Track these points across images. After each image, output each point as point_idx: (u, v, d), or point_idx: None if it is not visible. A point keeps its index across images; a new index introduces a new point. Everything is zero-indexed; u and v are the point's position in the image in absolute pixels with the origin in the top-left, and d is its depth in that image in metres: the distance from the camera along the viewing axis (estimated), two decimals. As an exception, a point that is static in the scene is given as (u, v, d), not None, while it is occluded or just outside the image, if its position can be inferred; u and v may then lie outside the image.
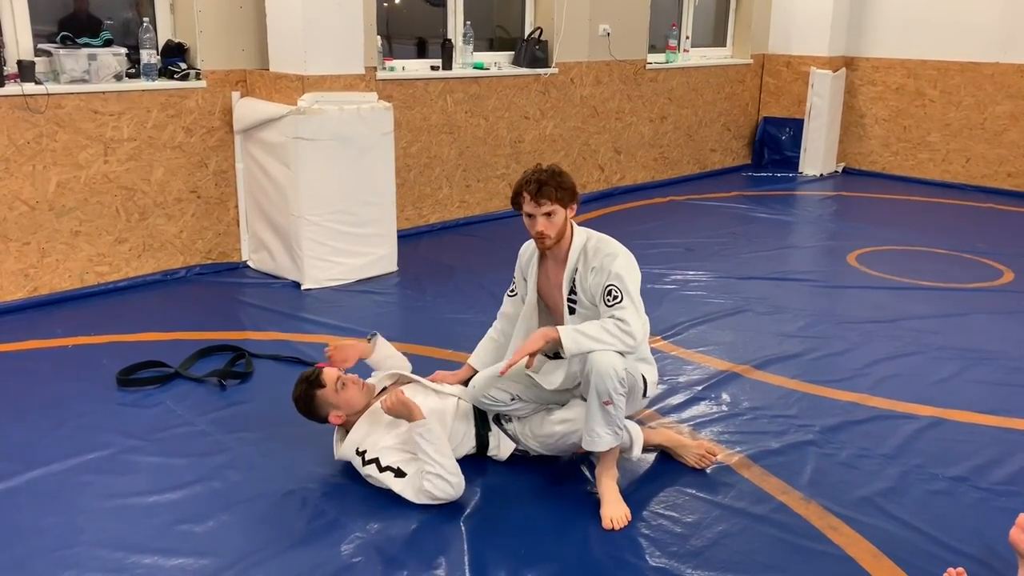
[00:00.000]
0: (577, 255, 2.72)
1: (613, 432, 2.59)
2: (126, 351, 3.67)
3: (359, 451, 2.68)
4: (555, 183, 2.66)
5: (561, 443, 2.78)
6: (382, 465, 2.63)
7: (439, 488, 2.56)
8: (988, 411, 3.30)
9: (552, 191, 2.65)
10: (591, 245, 2.72)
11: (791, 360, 3.76)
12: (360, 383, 2.78)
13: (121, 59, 4.33)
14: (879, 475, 2.83)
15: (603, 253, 2.68)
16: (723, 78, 7.96)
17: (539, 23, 6.31)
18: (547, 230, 2.68)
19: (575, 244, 2.73)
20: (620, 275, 2.61)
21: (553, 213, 2.67)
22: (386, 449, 2.65)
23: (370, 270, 4.80)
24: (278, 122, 4.45)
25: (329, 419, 2.72)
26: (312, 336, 3.92)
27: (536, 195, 2.66)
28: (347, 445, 2.71)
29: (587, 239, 2.75)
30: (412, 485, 2.59)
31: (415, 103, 5.53)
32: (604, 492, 2.62)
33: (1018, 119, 7.25)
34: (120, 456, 2.86)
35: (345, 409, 2.72)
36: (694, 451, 2.89)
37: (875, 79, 7.97)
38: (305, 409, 2.75)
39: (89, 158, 4.28)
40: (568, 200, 2.69)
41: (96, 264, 4.41)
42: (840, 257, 5.41)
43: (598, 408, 2.56)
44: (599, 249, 2.70)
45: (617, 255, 2.67)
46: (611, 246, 2.71)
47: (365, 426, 2.71)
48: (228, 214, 4.85)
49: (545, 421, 2.79)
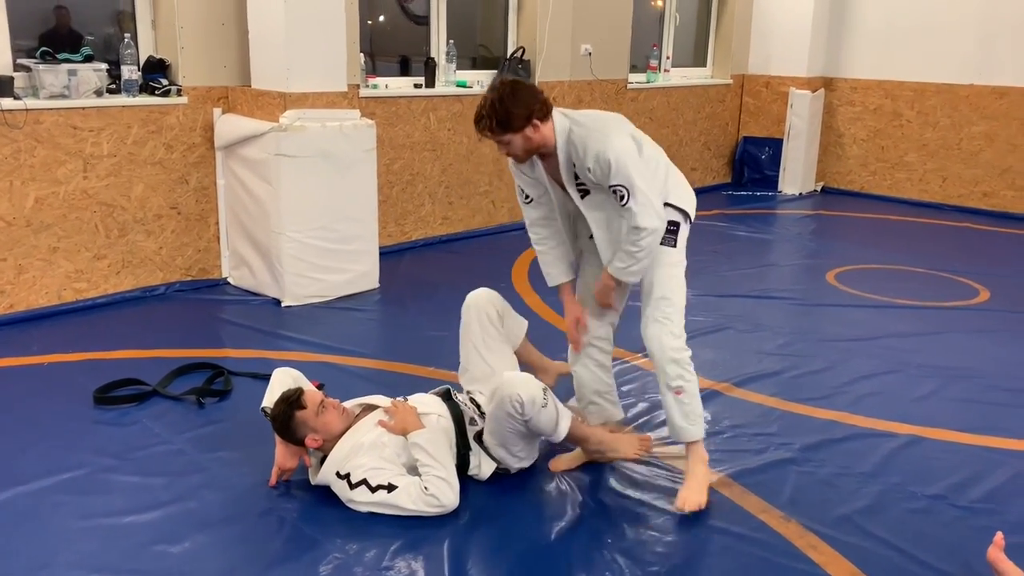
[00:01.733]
0: (565, 153, 2.67)
1: (690, 423, 2.76)
2: (103, 369, 3.64)
3: (341, 474, 2.63)
4: (492, 120, 2.60)
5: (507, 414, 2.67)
6: (373, 486, 2.58)
7: (441, 492, 2.54)
8: (965, 429, 3.32)
9: (490, 127, 2.62)
10: (575, 138, 2.64)
11: (771, 378, 3.78)
12: (341, 408, 2.76)
13: (102, 75, 4.31)
14: (858, 493, 2.84)
15: (592, 150, 2.59)
16: (703, 98, 8.03)
17: (522, 42, 6.35)
18: (510, 153, 2.70)
19: (559, 141, 2.66)
20: (623, 163, 2.56)
21: (506, 141, 2.65)
22: (373, 470, 2.60)
23: (352, 287, 4.78)
24: (260, 139, 4.44)
25: (306, 442, 2.69)
26: (292, 354, 3.90)
27: (478, 130, 2.67)
28: (326, 469, 2.67)
29: (569, 130, 2.65)
30: (408, 494, 2.55)
31: (398, 120, 5.54)
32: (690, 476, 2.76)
33: (993, 140, 7.36)
34: (96, 476, 2.83)
35: (323, 433, 2.68)
36: (628, 443, 2.98)
37: (853, 100, 8.07)
38: (282, 429, 2.71)
39: (68, 174, 4.25)
40: (520, 126, 2.60)
41: (74, 281, 4.37)
42: (819, 275, 5.46)
43: (672, 400, 2.74)
44: (586, 143, 2.61)
45: (606, 139, 2.59)
46: (596, 137, 2.60)
47: (346, 449, 2.66)
48: (208, 230, 4.83)
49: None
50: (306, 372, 3.06)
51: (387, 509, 2.58)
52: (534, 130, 2.64)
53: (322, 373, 3.57)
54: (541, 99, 2.65)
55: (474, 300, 3.08)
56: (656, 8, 7.77)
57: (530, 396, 2.61)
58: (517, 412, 2.63)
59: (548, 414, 2.67)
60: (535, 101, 2.63)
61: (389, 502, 2.57)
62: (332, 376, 3.60)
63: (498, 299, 3.10)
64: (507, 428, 2.70)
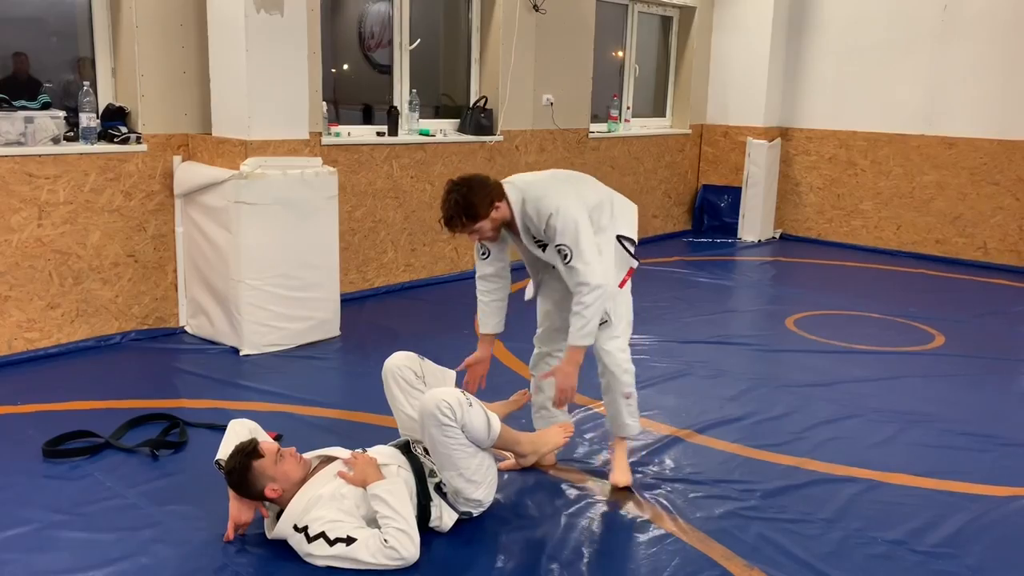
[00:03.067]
0: (521, 221, 2.97)
1: (635, 420, 3.19)
2: (54, 420, 3.54)
3: (299, 527, 2.57)
4: (460, 212, 2.87)
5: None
6: (331, 538, 2.51)
7: (401, 544, 2.50)
8: (924, 473, 3.35)
9: (461, 222, 2.89)
10: (529, 209, 2.93)
11: (732, 424, 3.79)
12: (298, 456, 2.71)
13: (59, 122, 4.28)
14: (820, 539, 2.84)
15: (543, 216, 2.90)
16: (663, 147, 8.18)
17: (484, 92, 6.43)
18: (482, 237, 2.97)
19: (515, 213, 2.95)
20: (565, 232, 2.87)
21: (479, 229, 2.92)
22: (332, 522, 2.54)
23: (312, 335, 4.73)
24: (220, 186, 4.42)
25: (265, 492, 2.61)
26: (249, 404, 3.83)
27: (450, 228, 2.92)
28: (283, 522, 2.61)
29: (523, 203, 2.94)
30: (367, 547, 2.50)
31: (360, 168, 5.55)
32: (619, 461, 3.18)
33: (944, 188, 7.57)
34: (43, 532, 2.73)
35: (282, 482, 2.62)
36: (555, 433, 3.14)
37: (809, 149, 8.27)
38: (239, 481, 2.63)
39: (22, 221, 4.18)
40: (485, 212, 2.89)
41: (25, 330, 4.28)
42: (779, 321, 5.52)
43: (624, 404, 3.13)
44: (539, 213, 2.91)
45: (555, 212, 2.88)
46: (546, 204, 2.90)
47: (303, 501, 2.60)
48: (166, 278, 4.77)
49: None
50: (264, 423, 3.01)
51: (345, 563, 2.52)
52: (496, 211, 2.92)
53: (281, 423, 3.52)
54: (492, 183, 2.95)
55: (389, 367, 3.07)
56: (616, 59, 7.93)
57: (455, 398, 2.68)
58: (450, 418, 2.65)
59: (477, 413, 2.72)
60: (489, 187, 2.92)
61: (348, 555, 2.51)
62: (291, 427, 3.54)
63: (414, 360, 3.09)
64: (450, 445, 2.69)
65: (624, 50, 7.92)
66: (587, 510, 2.99)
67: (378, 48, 6.12)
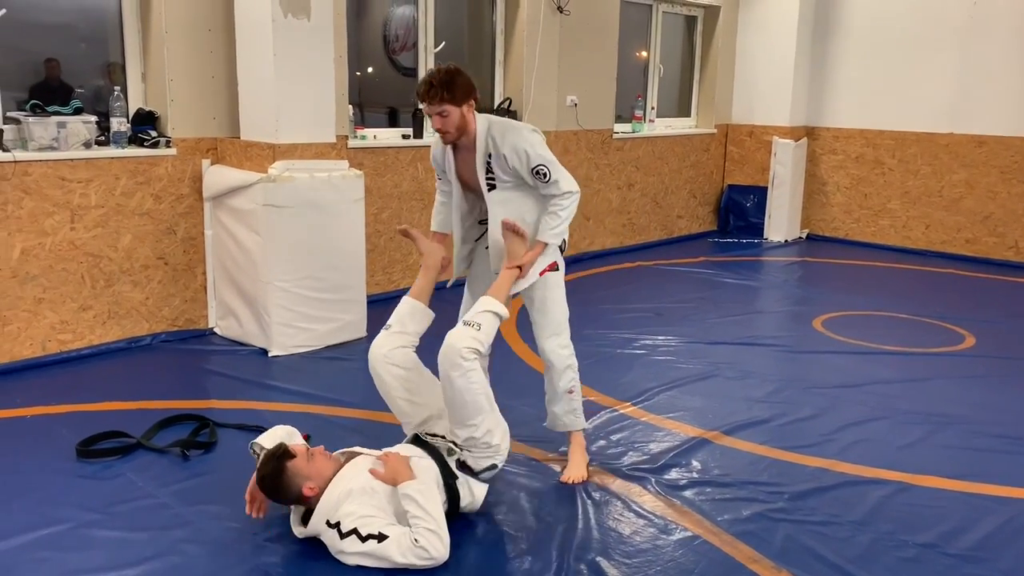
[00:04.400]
0: (484, 141, 3.00)
1: (576, 416, 3.23)
2: (87, 421, 3.60)
3: (331, 523, 2.59)
4: (445, 86, 2.87)
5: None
6: (363, 535, 2.54)
7: (432, 545, 2.51)
8: (954, 476, 3.32)
9: (440, 92, 2.87)
10: (495, 131, 2.99)
11: (760, 426, 3.77)
12: (327, 453, 2.75)
13: (91, 127, 4.34)
14: (850, 542, 2.82)
15: (509, 141, 2.96)
16: (688, 147, 8.14)
17: (508, 94, 6.44)
18: (443, 127, 2.95)
19: (479, 131, 3.00)
20: (538, 152, 2.96)
21: (446, 113, 2.92)
22: (363, 518, 2.56)
23: (339, 336, 4.77)
24: (248, 189, 4.46)
25: (303, 492, 2.63)
26: (278, 404, 3.87)
27: (427, 96, 2.90)
28: (317, 518, 2.63)
29: (489, 126, 3.01)
30: (399, 545, 2.51)
31: (386, 170, 5.58)
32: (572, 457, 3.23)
33: (973, 187, 7.47)
34: (77, 531, 2.78)
35: (316, 480, 2.65)
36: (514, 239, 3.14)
37: (836, 148, 8.20)
38: (274, 486, 2.64)
39: (55, 225, 4.25)
40: (461, 99, 2.91)
41: (59, 332, 4.35)
42: (806, 322, 5.48)
43: (566, 400, 3.19)
44: (504, 135, 2.98)
45: (521, 134, 2.98)
46: (512, 132, 2.99)
47: (335, 496, 2.63)
48: (196, 281, 4.82)
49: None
50: (292, 423, 3.06)
51: (376, 561, 2.54)
52: (468, 109, 2.97)
53: (309, 424, 3.55)
54: (476, 89, 3.00)
55: (373, 355, 3.06)
56: (641, 59, 7.91)
57: (469, 336, 2.84)
58: (472, 359, 2.78)
59: (487, 320, 2.93)
60: (473, 86, 2.97)
61: (379, 553, 2.53)
62: (319, 427, 3.57)
63: (388, 342, 3.10)
64: (475, 391, 2.77)
65: (648, 50, 7.89)
66: (613, 511, 2.99)
67: (403, 51, 6.15)
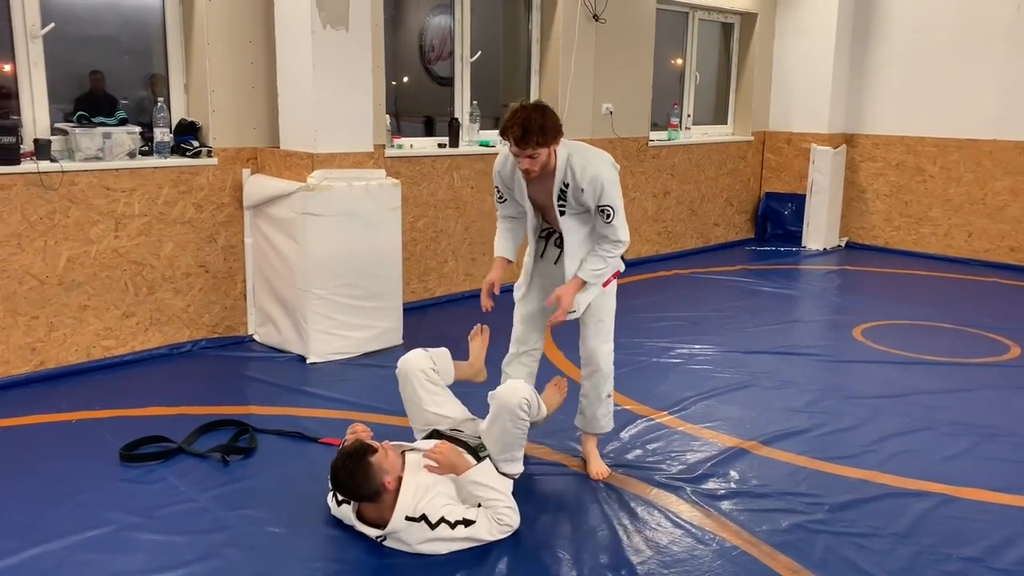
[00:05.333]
0: (563, 172, 3.00)
1: (611, 420, 3.37)
2: (130, 426, 3.66)
3: (414, 517, 2.64)
4: (538, 130, 2.85)
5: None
6: (452, 522, 2.66)
7: (512, 519, 2.77)
8: (999, 489, 3.25)
9: (534, 138, 2.86)
10: (575, 162, 2.99)
11: (799, 436, 3.73)
12: (392, 447, 2.81)
13: (135, 137, 4.43)
14: (891, 555, 2.78)
15: (589, 174, 2.97)
16: (725, 154, 8.09)
17: (544, 102, 6.44)
18: (532, 167, 2.95)
19: (559, 163, 3.00)
20: (610, 193, 3.01)
21: (537, 155, 2.91)
22: (446, 507, 2.69)
23: (376, 343, 4.80)
24: (287, 198, 4.52)
25: (385, 485, 2.66)
26: (316, 411, 3.91)
27: (521, 142, 2.87)
28: (397, 515, 2.65)
29: (568, 156, 3.00)
30: (485, 526, 2.72)
31: (422, 179, 5.62)
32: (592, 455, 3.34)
33: (1018, 195, 7.33)
34: (120, 534, 2.83)
35: (393, 473, 2.70)
36: (550, 395, 3.36)
37: (875, 155, 8.10)
38: (358, 483, 2.65)
39: (100, 233, 4.34)
40: (552, 141, 2.91)
41: (103, 338, 4.43)
42: (846, 331, 5.41)
43: (605, 403, 3.30)
44: (584, 169, 2.98)
45: (602, 168, 3.00)
46: (593, 164, 3.00)
47: (409, 492, 2.68)
48: (235, 288, 4.89)
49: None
50: (330, 429, 3.09)
51: (467, 544, 2.70)
52: (555, 146, 2.97)
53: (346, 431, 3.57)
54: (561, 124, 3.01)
55: (410, 369, 3.15)
56: (676, 67, 7.88)
57: (531, 394, 2.92)
58: (527, 412, 2.89)
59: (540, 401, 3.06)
60: (560, 124, 2.97)
61: (470, 536, 2.69)
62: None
63: (427, 357, 3.22)
64: (517, 435, 2.92)
65: (684, 58, 7.87)
66: (651, 521, 2.97)
67: (439, 61, 6.20)
